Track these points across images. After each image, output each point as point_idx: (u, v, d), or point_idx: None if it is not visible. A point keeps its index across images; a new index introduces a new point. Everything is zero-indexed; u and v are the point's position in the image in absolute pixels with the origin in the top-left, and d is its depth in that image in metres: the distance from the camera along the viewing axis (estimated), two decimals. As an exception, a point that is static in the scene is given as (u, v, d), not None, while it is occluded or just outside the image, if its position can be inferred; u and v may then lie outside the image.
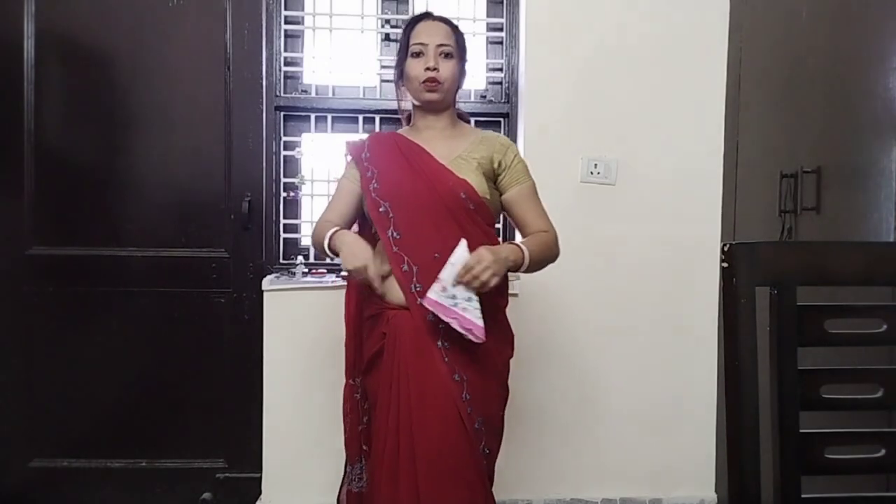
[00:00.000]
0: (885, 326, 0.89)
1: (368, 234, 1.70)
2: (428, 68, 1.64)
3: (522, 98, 2.38)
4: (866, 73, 1.59)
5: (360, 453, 1.74)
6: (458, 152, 1.67)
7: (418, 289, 1.56)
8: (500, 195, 1.69)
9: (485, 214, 1.65)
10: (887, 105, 1.51)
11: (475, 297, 1.48)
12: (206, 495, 2.35)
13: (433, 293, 1.47)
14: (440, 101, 1.68)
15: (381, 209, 1.62)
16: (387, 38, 2.50)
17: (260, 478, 2.33)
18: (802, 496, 0.87)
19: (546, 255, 1.65)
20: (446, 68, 1.66)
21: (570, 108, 2.32)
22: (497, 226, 1.83)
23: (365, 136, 1.85)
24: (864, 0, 1.62)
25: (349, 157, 1.75)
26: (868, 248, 1.00)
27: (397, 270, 1.58)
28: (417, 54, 1.67)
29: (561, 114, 2.32)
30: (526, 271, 1.60)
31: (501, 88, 2.51)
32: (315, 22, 2.47)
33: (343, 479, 1.80)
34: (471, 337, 1.48)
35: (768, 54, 2.08)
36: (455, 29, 1.72)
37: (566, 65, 2.33)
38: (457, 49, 1.69)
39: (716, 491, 2.40)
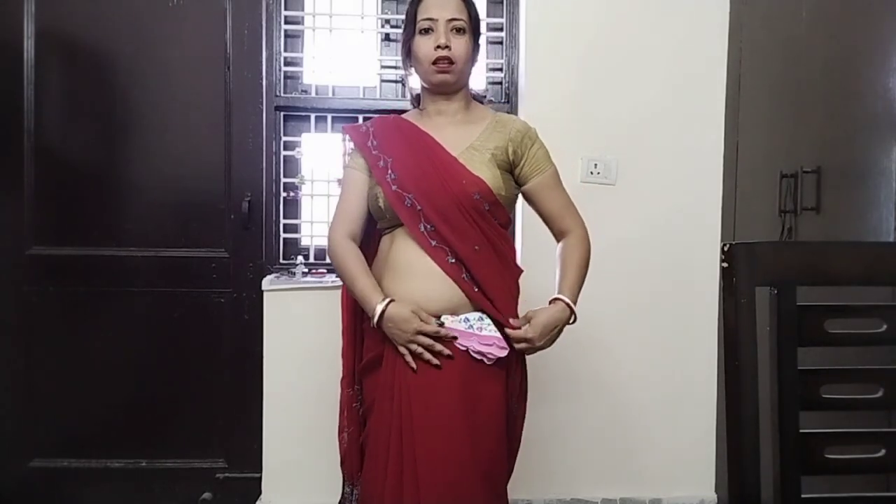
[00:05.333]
0: (885, 326, 0.89)
1: (376, 235, 1.60)
2: (439, 46, 1.48)
3: (522, 98, 2.38)
4: (866, 73, 1.59)
5: (361, 469, 1.59)
6: (470, 141, 1.53)
7: (466, 280, 1.46)
8: (520, 185, 1.58)
9: (500, 214, 1.53)
10: (887, 105, 1.51)
11: (486, 317, 1.49)
12: (206, 495, 2.35)
13: (444, 320, 1.48)
14: (453, 82, 1.53)
15: (406, 202, 1.47)
16: (387, 38, 2.50)
17: (260, 478, 2.33)
18: (802, 496, 0.87)
19: (585, 272, 1.56)
20: (459, 45, 1.50)
21: (570, 108, 2.32)
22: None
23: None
24: (864, 0, 1.62)
25: (351, 144, 1.60)
26: (868, 248, 1.00)
27: (444, 265, 1.46)
28: (426, 31, 1.50)
29: (561, 114, 2.32)
30: None
31: (501, 88, 2.51)
32: (315, 22, 2.47)
33: (341, 502, 1.66)
34: (492, 353, 1.47)
35: (768, 54, 2.08)
36: (467, 1, 1.55)
37: (566, 65, 2.32)
38: (470, 23, 1.53)
39: (716, 491, 2.40)
